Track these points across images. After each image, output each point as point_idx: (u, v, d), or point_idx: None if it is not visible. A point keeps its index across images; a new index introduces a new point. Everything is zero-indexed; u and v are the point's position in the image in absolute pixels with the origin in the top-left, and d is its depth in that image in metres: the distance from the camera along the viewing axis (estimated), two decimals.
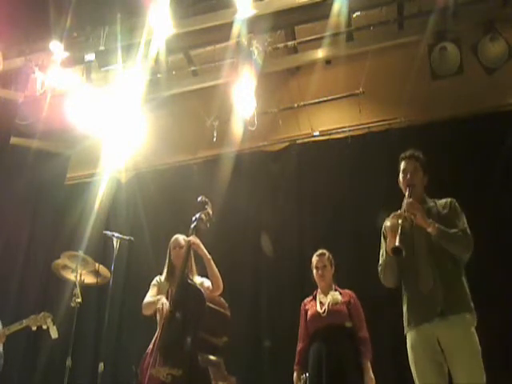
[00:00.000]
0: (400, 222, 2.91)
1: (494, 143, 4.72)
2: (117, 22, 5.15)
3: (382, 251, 3.10)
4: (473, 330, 2.85)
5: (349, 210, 5.13)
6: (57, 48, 5.30)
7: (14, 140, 5.85)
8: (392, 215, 3.06)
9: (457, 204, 3.08)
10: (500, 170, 4.57)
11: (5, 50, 5.56)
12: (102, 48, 5.27)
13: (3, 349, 4.27)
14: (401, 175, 3.18)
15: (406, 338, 3.01)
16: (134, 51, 5.16)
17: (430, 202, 3.13)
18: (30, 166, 6.04)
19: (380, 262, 3.11)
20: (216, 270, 3.71)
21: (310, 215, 5.34)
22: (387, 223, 3.07)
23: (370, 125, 5.36)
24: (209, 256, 3.70)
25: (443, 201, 3.12)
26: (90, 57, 5.35)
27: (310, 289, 4.08)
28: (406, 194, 3.06)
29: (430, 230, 2.92)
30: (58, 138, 6.13)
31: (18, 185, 6.07)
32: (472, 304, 2.90)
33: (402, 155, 3.22)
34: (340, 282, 4.04)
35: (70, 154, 6.37)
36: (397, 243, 2.81)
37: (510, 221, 4.48)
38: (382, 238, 3.16)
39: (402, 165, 3.19)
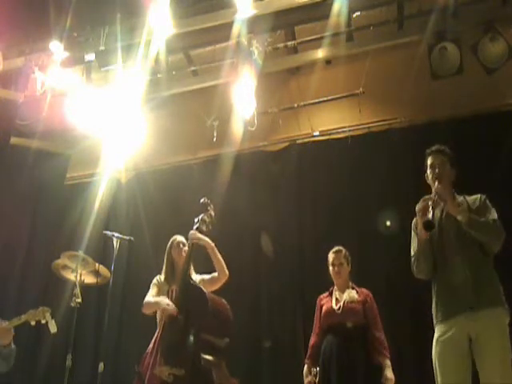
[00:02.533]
0: (430, 203, 2.90)
1: (493, 143, 4.72)
2: (117, 22, 5.15)
3: (414, 245, 3.06)
4: (506, 327, 2.80)
5: (349, 209, 5.12)
6: (57, 48, 5.30)
7: (14, 140, 5.85)
8: (422, 199, 3.02)
9: (487, 200, 3.06)
10: (500, 170, 4.57)
11: (5, 50, 5.56)
12: (102, 48, 5.26)
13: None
14: (428, 170, 3.14)
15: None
16: (134, 51, 5.16)
17: (460, 198, 3.10)
18: (30, 166, 6.03)
19: (412, 253, 3.06)
20: (220, 256, 3.74)
21: (309, 215, 5.33)
22: (417, 207, 3.01)
23: (370, 125, 5.36)
24: (212, 244, 3.74)
25: (473, 197, 3.09)
26: (90, 57, 5.34)
27: (310, 288, 4.09)
28: (436, 183, 3.03)
29: (459, 217, 2.88)
30: (58, 138, 6.13)
31: (18, 185, 6.07)
32: (504, 300, 2.85)
33: (428, 150, 3.18)
34: None
35: (70, 154, 6.37)
36: (429, 216, 2.80)
37: (511, 221, 4.48)
38: (412, 232, 3.12)
39: (429, 159, 3.15)
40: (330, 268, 3.92)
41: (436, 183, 3.02)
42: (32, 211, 6.35)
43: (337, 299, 3.80)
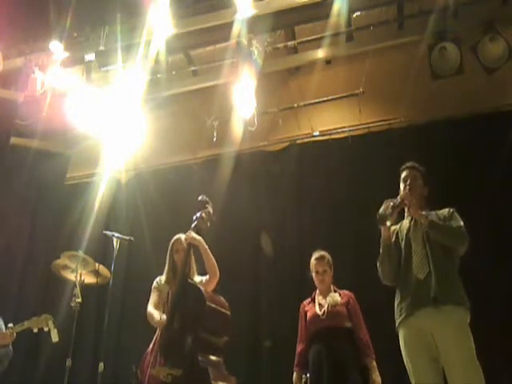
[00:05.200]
0: (391, 204, 3.04)
1: (493, 143, 4.72)
2: (117, 22, 5.15)
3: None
4: (467, 325, 2.86)
5: (349, 209, 5.12)
6: (57, 48, 5.30)
7: (14, 140, 5.85)
8: (384, 202, 3.13)
9: (456, 213, 3.13)
10: (500, 169, 4.57)
11: (5, 50, 5.56)
12: (101, 48, 5.27)
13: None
14: (401, 184, 3.25)
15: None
16: (134, 51, 5.16)
17: (431, 213, 3.17)
18: (30, 166, 6.04)
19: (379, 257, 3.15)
20: (212, 257, 3.72)
21: (309, 215, 5.33)
22: (380, 210, 3.11)
23: (370, 125, 5.36)
24: (205, 245, 3.72)
25: (443, 210, 3.17)
26: (90, 57, 5.35)
27: (309, 289, 4.07)
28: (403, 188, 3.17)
29: (422, 220, 3.04)
30: (57, 138, 6.14)
31: (17, 185, 6.08)
32: (466, 299, 2.92)
33: (403, 166, 3.31)
34: (340, 282, 4.03)
35: (70, 154, 6.38)
36: (380, 211, 2.99)
37: (510, 220, 4.48)
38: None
39: (403, 174, 3.28)
40: (314, 275, 3.91)
41: (402, 189, 3.18)
42: (32, 211, 6.35)
43: (320, 304, 3.80)
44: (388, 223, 3.03)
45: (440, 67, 4.69)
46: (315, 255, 3.95)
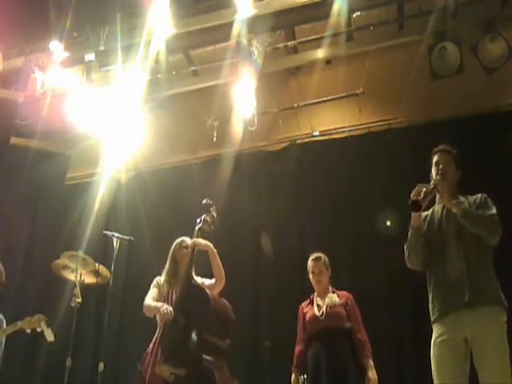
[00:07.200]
0: (424, 189, 2.94)
1: (493, 143, 4.72)
2: (117, 22, 5.15)
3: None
4: (504, 326, 2.80)
5: (349, 209, 5.13)
6: (57, 48, 5.31)
7: (14, 140, 5.85)
8: (417, 186, 3.03)
9: (488, 198, 3.07)
10: (500, 170, 4.57)
11: (5, 50, 5.57)
12: (102, 48, 5.27)
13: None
14: (433, 168, 3.16)
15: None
16: (134, 51, 5.16)
17: (461, 198, 3.11)
18: (30, 166, 6.04)
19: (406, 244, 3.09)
20: (219, 262, 3.73)
21: (309, 215, 5.34)
22: (412, 194, 3.01)
23: (370, 125, 5.36)
24: (214, 250, 3.74)
25: (475, 196, 3.12)
26: (90, 57, 5.35)
27: (309, 289, 4.08)
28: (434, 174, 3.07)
29: (454, 209, 2.94)
30: (58, 138, 6.13)
31: (18, 185, 6.08)
32: (503, 297, 2.86)
33: (435, 149, 3.21)
34: (340, 282, 4.04)
35: (69, 154, 6.38)
36: (412, 196, 2.89)
37: (510, 220, 4.48)
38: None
39: (435, 158, 3.18)
40: (311, 276, 3.91)
41: (434, 174, 3.08)
42: (32, 211, 6.36)
43: (318, 305, 3.80)
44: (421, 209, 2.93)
45: (440, 67, 4.69)
46: (311, 257, 3.97)
